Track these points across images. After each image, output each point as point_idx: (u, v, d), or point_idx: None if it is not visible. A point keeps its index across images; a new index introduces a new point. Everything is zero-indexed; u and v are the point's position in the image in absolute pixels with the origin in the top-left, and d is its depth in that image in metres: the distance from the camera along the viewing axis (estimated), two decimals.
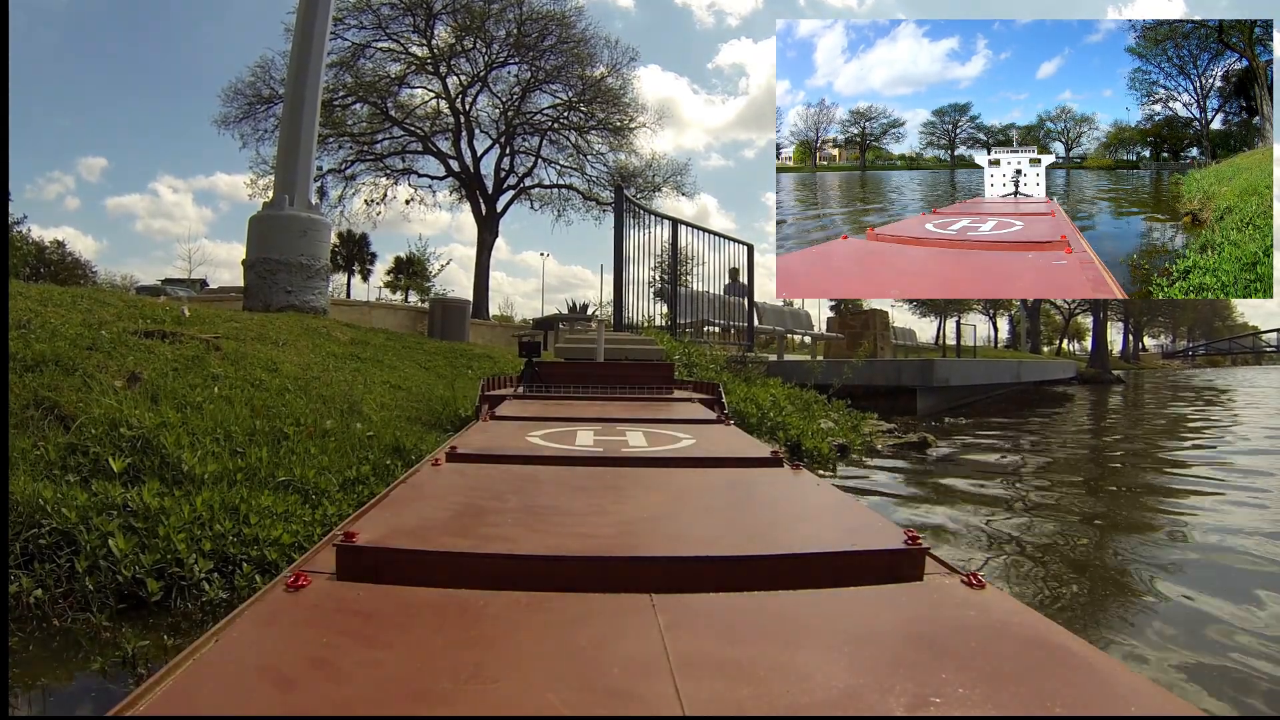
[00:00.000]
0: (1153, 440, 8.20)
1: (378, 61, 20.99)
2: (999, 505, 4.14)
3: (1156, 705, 0.62)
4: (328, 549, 0.98)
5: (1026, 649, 0.73)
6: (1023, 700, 0.63)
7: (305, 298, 7.80)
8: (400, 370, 5.47)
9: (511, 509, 1.21)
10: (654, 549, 1.04)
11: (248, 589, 2.20)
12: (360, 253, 38.45)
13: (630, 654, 0.72)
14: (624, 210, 8.95)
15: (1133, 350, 60.83)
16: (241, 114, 20.23)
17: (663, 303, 10.34)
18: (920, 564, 0.97)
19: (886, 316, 15.92)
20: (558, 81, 21.81)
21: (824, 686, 0.65)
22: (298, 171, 8.18)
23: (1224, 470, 5.47)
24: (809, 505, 1.35)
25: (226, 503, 2.52)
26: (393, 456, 3.39)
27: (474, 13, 20.54)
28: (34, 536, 2.21)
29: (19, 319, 3.75)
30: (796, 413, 6.30)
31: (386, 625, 0.78)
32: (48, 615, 2.04)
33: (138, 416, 2.95)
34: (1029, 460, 6.37)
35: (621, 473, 1.53)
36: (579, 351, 6.59)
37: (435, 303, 11.22)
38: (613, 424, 2.29)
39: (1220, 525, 3.60)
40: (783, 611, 0.84)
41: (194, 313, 5.28)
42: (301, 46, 8.57)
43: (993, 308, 48.19)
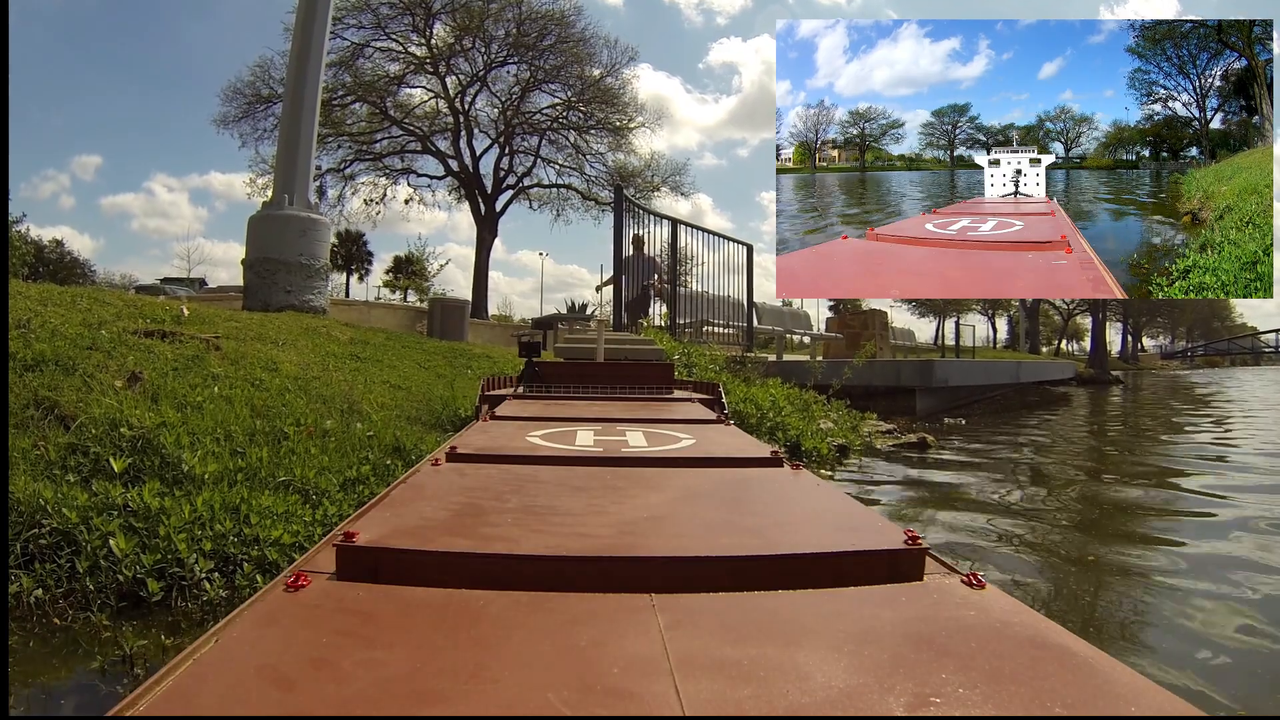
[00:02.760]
0: (1151, 440, 8.21)
1: (377, 61, 21.04)
2: (999, 505, 4.15)
3: (1156, 705, 0.62)
4: (328, 549, 0.98)
5: (1026, 649, 0.73)
6: (1023, 700, 0.63)
7: (305, 297, 7.80)
8: (400, 370, 5.47)
9: (511, 509, 1.21)
10: (654, 549, 1.04)
11: (248, 589, 2.20)
12: (358, 252, 38.43)
13: (630, 654, 0.72)
14: (623, 210, 8.96)
15: (1131, 351, 60.83)
16: (241, 113, 20.25)
17: (662, 302, 10.34)
18: (920, 564, 0.97)
19: (885, 317, 15.92)
20: (557, 81, 21.82)
21: (824, 686, 0.66)
22: (297, 171, 8.17)
23: (1223, 470, 5.48)
24: (809, 505, 1.35)
25: (227, 503, 2.52)
26: (393, 456, 3.39)
27: (473, 12, 20.54)
28: (34, 536, 2.21)
29: (18, 318, 3.75)
30: (796, 413, 6.30)
31: (386, 625, 0.78)
32: (48, 615, 2.04)
33: (138, 416, 2.95)
34: (1028, 461, 6.38)
35: (621, 473, 1.53)
36: (578, 351, 6.59)
37: (434, 302, 11.21)
38: (613, 424, 2.29)
39: (1220, 525, 3.61)
40: (783, 611, 0.84)
41: (193, 312, 5.28)
42: (301, 46, 8.57)
43: (991, 308, 48.20)
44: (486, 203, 22.58)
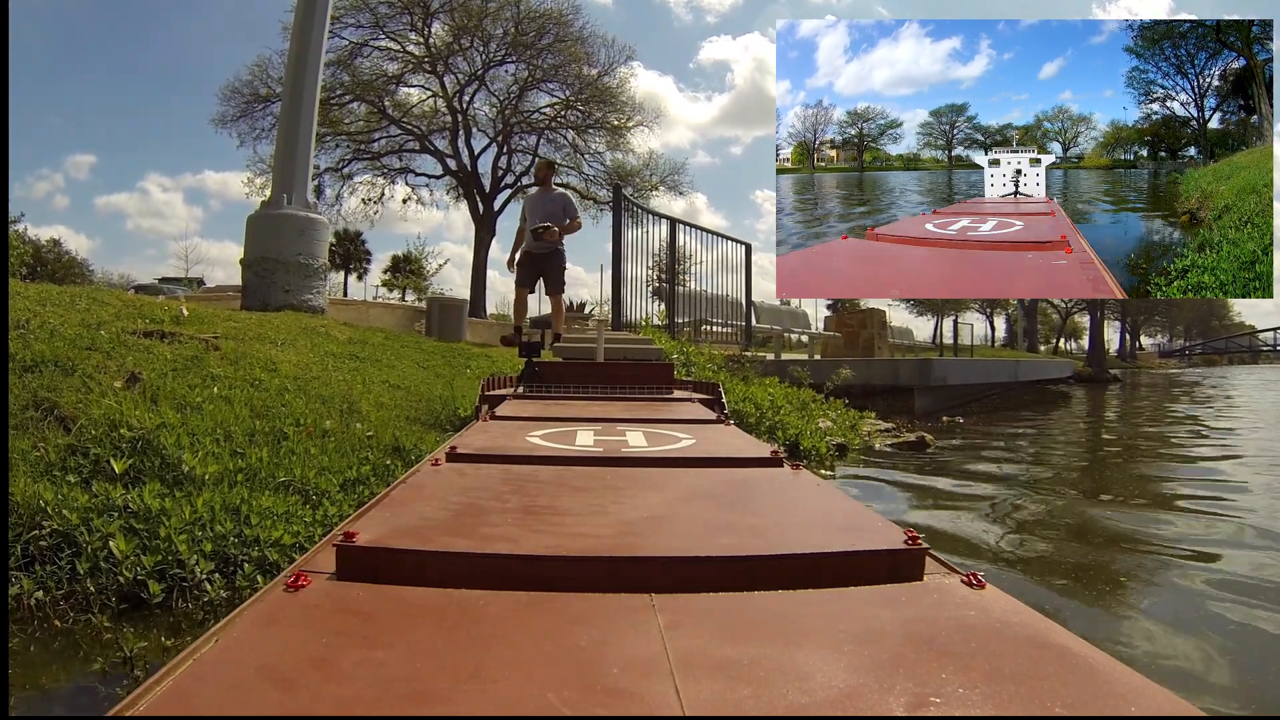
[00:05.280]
0: (1150, 440, 8.21)
1: (375, 60, 21.00)
2: (998, 504, 4.15)
3: (1156, 705, 0.62)
4: (328, 549, 0.98)
5: (1026, 649, 0.73)
6: (1023, 700, 0.63)
7: (303, 297, 7.79)
8: (399, 369, 5.47)
9: (511, 509, 1.21)
10: (654, 549, 1.04)
11: (249, 589, 2.20)
12: (356, 251, 38.36)
13: (630, 654, 0.72)
14: (622, 210, 8.96)
15: (1129, 350, 60.87)
16: (239, 113, 20.22)
17: (660, 301, 10.35)
18: (920, 564, 0.97)
19: (884, 316, 15.94)
20: (555, 80, 21.81)
21: (824, 686, 0.66)
22: (296, 170, 8.16)
23: (1221, 469, 5.49)
24: (809, 505, 1.35)
25: (227, 504, 2.52)
26: (393, 457, 3.39)
27: (471, 11, 20.52)
28: (35, 538, 2.21)
29: (17, 319, 3.74)
30: (794, 412, 6.30)
31: (386, 625, 0.78)
32: (49, 617, 2.04)
33: (137, 417, 2.95)
34: (1027, 459, 6.39)
35: (621, 473, 1.53)
36: (577, 351, 6.59)
37: (433, 302, 11.19)
38: (613, 424, 2.29)
39: (1219, 524, 3.61)
40: (783, 611, 0.84)
41: (192, 312, 5.28)
42: (300, 45, 8.56)
43: (989, 307, 48.22)
44: (484, 202, 22.56)
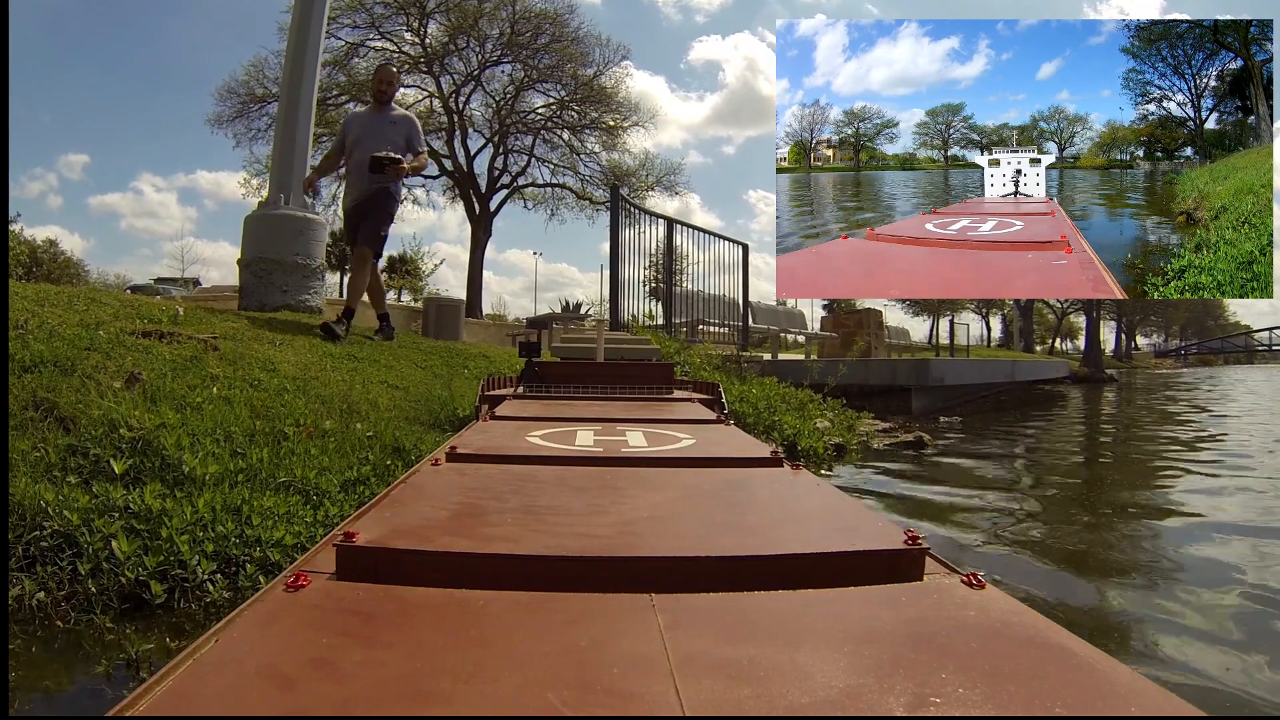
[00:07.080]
0: (1148, 438, 8.23)
1: (371, 60, 20.97)
2: (997, 504, 4.16)
3: (1157, 705, 0.63)
4: (328, 549, 0.98)
5: (1026, 649, 0.73)
6: (1023, 700, 0.63)
7: (301, 297, 7.77)
8: (397, 370, 5.46)
9: (511, 509, 1.21)
10: (654, 549, 1.04)
11: (251, 589, 2.19)
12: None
13: (630, 654, 0.72)
14: (619, 210, 8.97)
15: (1125, 349, 61.00)
16: (235, 113, 20.24)
17: (656, 301, 10.35)
18: (920, 564, 0.97)
19: (880, 316, 15.96)
20: (551, 80, 21.83)
21: (824, 686, 0.66)
22: (293, 171, 8.14)
23: (1221, 468, 5.50)
24: (809, 505, 1.35)
25: (228, 504, 2.52)
26: (393, 457, 3.39)
27: (467, 12, 20.53)
28: (35, 539, 2.20)
29: (16, 319, 3.74)
30: (792, 412, 6.30)
31: (386, 625, 0.79)
32: (50, 618, 2.04)
33: (137, 418, 2.94)
34: (1025, 459, 6.40)
35: (621, 472, 1.53)
36: (575, 351, 6.59)
37: (429, 302, 11.17)
38: (612, 424, 2.29)
39: (1219, 524, 3.62)
40: (783, 611, 0.84)
41: (189, 312, 5.27)
42: (297, 45, 8.54)
43: (985, 306, 48.31)
44: (480, 202, 22.57)
